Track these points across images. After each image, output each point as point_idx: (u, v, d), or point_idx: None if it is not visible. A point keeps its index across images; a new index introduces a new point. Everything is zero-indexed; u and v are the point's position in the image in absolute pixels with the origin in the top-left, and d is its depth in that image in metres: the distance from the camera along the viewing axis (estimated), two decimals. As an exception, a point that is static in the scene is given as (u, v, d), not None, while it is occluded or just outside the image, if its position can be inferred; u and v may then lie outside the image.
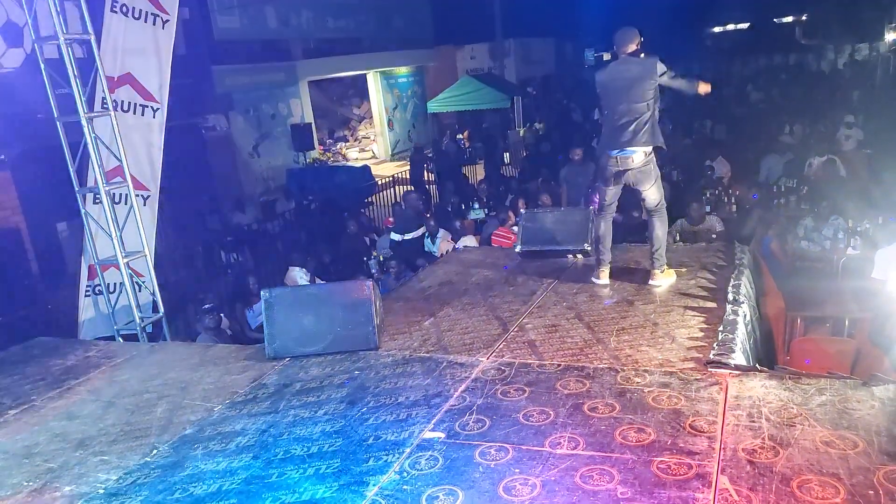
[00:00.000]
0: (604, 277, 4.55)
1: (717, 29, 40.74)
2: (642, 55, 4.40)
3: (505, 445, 2.71)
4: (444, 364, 3.58)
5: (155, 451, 3.00)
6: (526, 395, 3.11)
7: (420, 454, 2.72)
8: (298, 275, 7.46)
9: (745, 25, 39.35)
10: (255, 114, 16.36)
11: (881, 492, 2.14)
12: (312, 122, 17.92)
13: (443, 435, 2.87)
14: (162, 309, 5.47)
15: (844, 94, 17.40)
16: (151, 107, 6.00)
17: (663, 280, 4.38)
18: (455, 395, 3.20)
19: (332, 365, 3.81)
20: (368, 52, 19.99)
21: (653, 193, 4.37)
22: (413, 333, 4.11)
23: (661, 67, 4.20)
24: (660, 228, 4.40)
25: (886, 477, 2.20)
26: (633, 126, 4.18)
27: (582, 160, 8.67)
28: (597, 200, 4.84)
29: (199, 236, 11.07)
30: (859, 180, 8.35)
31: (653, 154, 4.32)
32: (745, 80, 25.21)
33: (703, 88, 4.37)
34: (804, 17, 36.67)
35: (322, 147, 19.58)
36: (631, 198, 4.92)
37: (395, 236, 7.92)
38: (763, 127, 13.53)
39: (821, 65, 27.29)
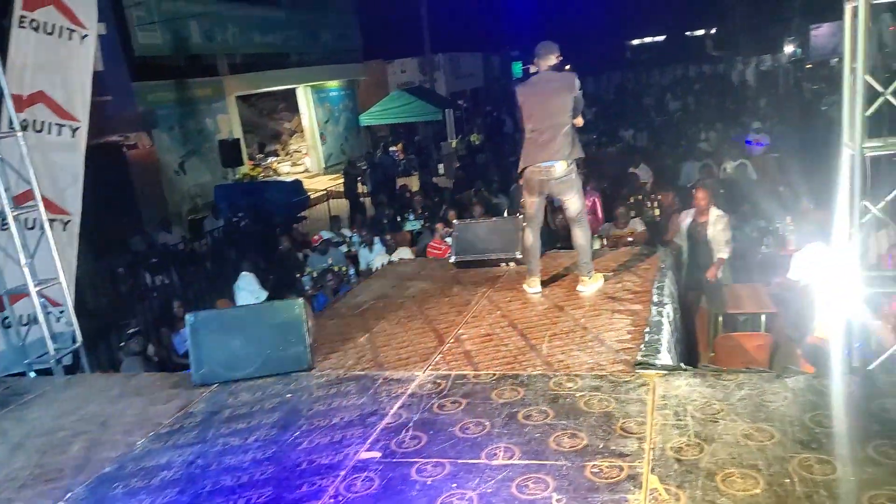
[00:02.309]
0: (534, 286, 4.61)
1: (635, 41, 42.52)
2: (567, 66, 4.49)
3: (441, 461, 2.69)
4: (380, 381, 3.54)
5: (69, 495, 2.83)
6: (462, 407, 3.11)
7: (356, 476, 2.67)
8: (249, 281, 7.21)
9: (661, 38, 41.27)
10: (181, 130, 15.90)
11: (795, 479, 2.24)
12: (241, 137, 17.57)
13: (379, 454, 2.82)
14: (80, 338, 5.18)
15: (752, 102, 18.39)
16: (70, 126, 5.69)
17: (591, 285, 4.48)
18: (391, 413, 3.16)
19: (264, 389, 3.69)
20: (297, 67, 19.82)
21: (574, 202, 4.45)
22: (348, 351, 4.05)
23: (578, 83, 4.30)
24: (582, 237, 4.48)
25: (800, 465, 2.32)
26: (556, 140, 4.26)
27: None
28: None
29: (121, 258, 10.62)
30: (769, 182, 8.82)
31: (574, 165, 4.41)
32: (664, 89, 26.30)
33: (579, 121, 4.46)
34: (713, 31, 38.79)
35: (252, 162, 19.21)
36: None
37: None
38: (681, 134, 14.14)
39: (731, 75, 28.77)
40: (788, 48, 29.01)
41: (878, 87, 3.70)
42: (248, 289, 7.22)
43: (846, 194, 3.79)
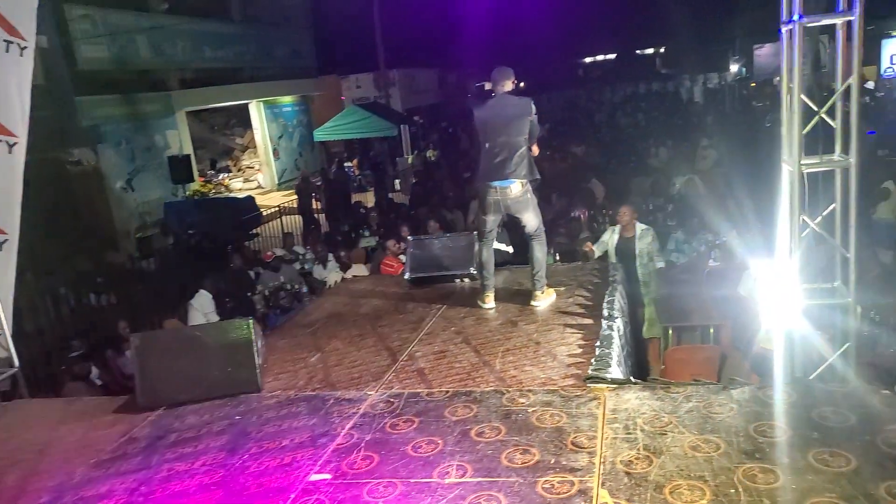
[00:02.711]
0: (489, 301, 4.65)
1: (587, 59, 43.63)
2: (521, 84, 4.56)
3: (393, 481, 2.66)
4: (332, 401, 3.49)
5: (4, 527, 2.70)
6: (415, 426, 3.09)
7: (305, 499, 2.63)
8: (204, 302, 7.00)
9: (612, 56, 42.46)
10: (129, 146, 15.46)
11: (741, 489, 2.29)
12: (192, 153, 17.20)
13: (329, 476, 2.78)
14: (17, 363, 4.95)
15: (700, 119, 18.95)
16: (7, 141, 5.46)
17: (544, 300, 4.54)
18: (343, 433, 3.12)
19: (212, 411, 3.61)
20: (250, 83, 19.57)
21: (531, 220, 4.55)
22: (298, 371, 3.98)
23: (534, 108, 4.42)
24: (539, 251, 4.58)
25: (745, 475, 2.37)
26: (512, 159, 4.35)
27: None
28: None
29: (64, 278, 10.24)
30: (717, 197, 9.07)
31: (529, 185, 4.50)
32: (615, 106, 26.89)
33: (535, 150, 4.58)
34: (663, 50, 40.16)
35: (203, 178, 18.83)
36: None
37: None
38: (632, 150, 14.46)
39: (680, 92, 29.69)
40: (734, 67, 30.22)
41: (814, 107, 3.87)
42: (202, 309, 7.01)
43: (786, 210, 3.94)
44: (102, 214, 13.73)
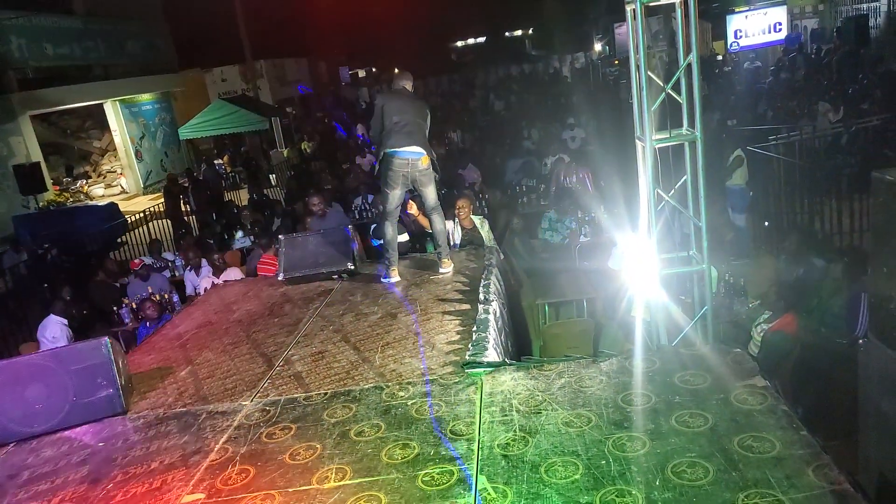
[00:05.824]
0: (394, 276, 4.88)
1: (459, 43, 44.16)
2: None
3: (271, 492, 2.56)
4: (204, 416, 3.30)
5: None
6: (292, 432, 2.98)
7: (177, 524, 2.47)
8: (55, 328, 6.36)
9: (482, 39, 43.23)
10: (-38, 156, 13.90)
11: (611, 459, 2.39)
12: (42, 160, 15.72)
13: (203, 496, 2.63)
14: None
15: (568, 99, 19.65)
16: None
17: (450, 267, 4.88)
18: (216, 448, 2.95)
19: (71, 441, 3.32)
20: (102, 81, 18.13)
21: (432, 194, 4.90)
22: (168, 388, 3.73)
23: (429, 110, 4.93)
24: (440, 222, 4.96)
25: (614, 444, 2.47)
26: (418, 132, 4.69)
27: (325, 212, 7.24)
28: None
29: None
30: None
31: (430, 162, 4.80)
32: (489, 90, 27.36)
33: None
34: (531, 31, 41.37)
35: (59, 187, 17.29)
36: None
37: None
38: (506, 132, 14.77)
39: (549, 72, 30.64)
40: (598, 46, 31.63)
41: (660, 83, 4.08)
42: (53, 338, 6.35)
43: (643, 184, 4.14)
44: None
